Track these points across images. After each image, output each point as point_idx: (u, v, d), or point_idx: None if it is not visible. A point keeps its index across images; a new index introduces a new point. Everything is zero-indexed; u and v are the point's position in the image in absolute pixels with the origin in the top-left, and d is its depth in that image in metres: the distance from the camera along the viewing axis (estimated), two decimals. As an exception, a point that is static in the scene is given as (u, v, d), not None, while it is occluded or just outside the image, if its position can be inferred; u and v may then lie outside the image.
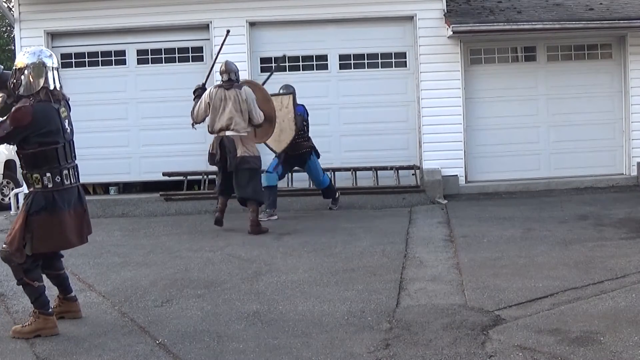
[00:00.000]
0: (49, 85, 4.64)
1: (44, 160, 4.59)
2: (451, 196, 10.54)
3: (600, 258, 6.19)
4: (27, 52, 4.71)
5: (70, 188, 4.71)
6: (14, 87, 4.65)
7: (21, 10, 10.81)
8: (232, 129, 8.08)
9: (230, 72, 8.29)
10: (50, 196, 4.58)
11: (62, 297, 4.99)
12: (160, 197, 10.49)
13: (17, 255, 4.59)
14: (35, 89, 4.60)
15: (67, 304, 4.98)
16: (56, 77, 4.70)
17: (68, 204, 4.66)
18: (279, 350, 4.25)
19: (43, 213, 4.55)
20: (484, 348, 4.14)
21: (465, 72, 10.95)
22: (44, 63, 4.64)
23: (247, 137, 8.15)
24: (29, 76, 4.60)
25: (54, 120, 4.64)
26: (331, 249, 7.05)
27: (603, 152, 11.20)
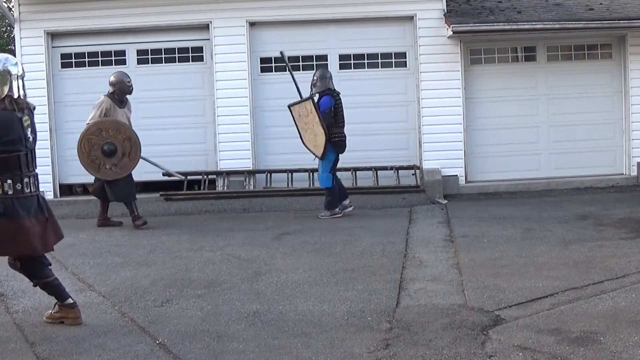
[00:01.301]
0: (13, 94, 4.62)
1: (6, 167, 4.56)
2: (451, 196, 10.55)
3: (600, 258, 6.19)
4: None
5: (30, 196, 4.67)
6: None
7: (21, 10, 10.81)
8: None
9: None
10: (9, 203, 4.56)
11: (60, 304, 4.88)
12: (160, 197, 10.50)
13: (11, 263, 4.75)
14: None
15: (66, 310, 4.86)
16: (21, 86, 4.67)
17: (27, 212, 4.63)
18: (279, 350, 4.25)
19: (2, 219, 4.53)
20: (484, 348, 4.14)
21: (465, 72, 10.95)
22: (9, 71, 4.63)
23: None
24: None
25: (16, 129, 4.61)
26: (331, 249, 7.05)
27: (603, 152, 11.21)
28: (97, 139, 8.36)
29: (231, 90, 10.80)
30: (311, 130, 8.93)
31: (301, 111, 9.03)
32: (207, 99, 11.05)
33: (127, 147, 8.39)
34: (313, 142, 9.01)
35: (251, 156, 10.89)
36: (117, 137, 8.36)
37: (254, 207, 10.05)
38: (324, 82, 9.06)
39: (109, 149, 8.35)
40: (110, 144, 8.34)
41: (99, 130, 8.35)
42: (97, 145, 8.34)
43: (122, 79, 8.71)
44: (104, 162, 8.39)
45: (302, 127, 9.12)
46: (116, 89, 8.65)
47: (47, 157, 10.84)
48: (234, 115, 10.79)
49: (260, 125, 11.00)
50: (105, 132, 8.35)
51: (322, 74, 9.14)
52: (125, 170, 8.46)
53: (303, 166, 10.72)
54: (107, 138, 8.35)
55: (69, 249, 7.44)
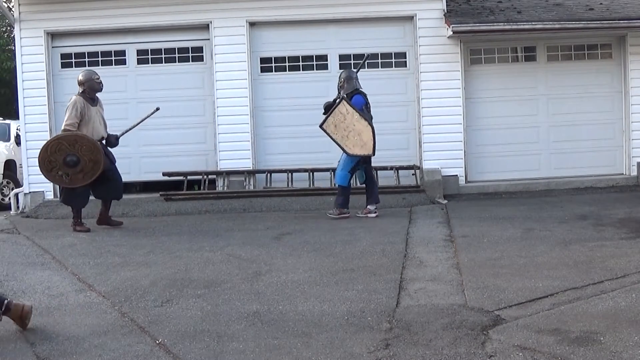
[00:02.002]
0: None
1: None
2: (451, 196, 10.55)
3: (600, 258, 6.18)
4: None
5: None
6: None
7: (21, 10, 10.81)
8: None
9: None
10: None
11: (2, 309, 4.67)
12: (160, 197, 10.50)
13: None
14: None
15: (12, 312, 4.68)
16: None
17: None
18: (279, 350, 4.25)
19: None
20: (484, 348, 4.14)
21: (465, 72, 10.95)
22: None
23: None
24: None
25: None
26: (331, 249, 7.04)
27: (603, 152, 11.22)
28: (67, 147, 8.26)
29: (231, 90, 10.81)
30: (354, 131, 8.73)
31: (336, 119, 8.78)
32: (207, 99, 11.05)
33: (88, 167, 8.31)
34: (359, 143, 8.76)
35: (251, 156, 10.89)
36: (86, 155, 8.27)
37: (254, 207, 10.05)
38: (351, 83, 8.97)
39: (71, 160, 8.27)
40: (75, 156, 8.26)
41: (74, 141, 8.28)
42: (63, 152, 8.27)
43: (90, 76, 8.64)
44: (58, 168, 8.33)
45: (342, 136, 8.80)
46: (86, 87, 8.57)
47: (47, 157, 10.84)
48: (234, 115, 10.79)
49: (260, 125, 11.01)
50: (79, 145, 8.26)
51: (349, 75, 9.04)
52: (73, 183, 8.42)
53: (303, 166, 10.73)
54: (77, 151, 8.26)
55: (69, 249, 7.44)
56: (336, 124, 8.82)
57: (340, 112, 8.80)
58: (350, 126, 8.75)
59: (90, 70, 8.93)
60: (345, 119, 8.77)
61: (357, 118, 8.72)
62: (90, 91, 8.61)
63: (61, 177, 8.43)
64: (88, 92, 8.60)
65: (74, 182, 8.42)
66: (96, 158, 8.33)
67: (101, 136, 8.63)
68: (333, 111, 8.84)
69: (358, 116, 8.73)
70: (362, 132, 8.74)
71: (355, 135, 8.76)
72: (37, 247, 7.67)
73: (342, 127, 8.80)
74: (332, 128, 8.87)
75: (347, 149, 8.83)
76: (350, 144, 8.81)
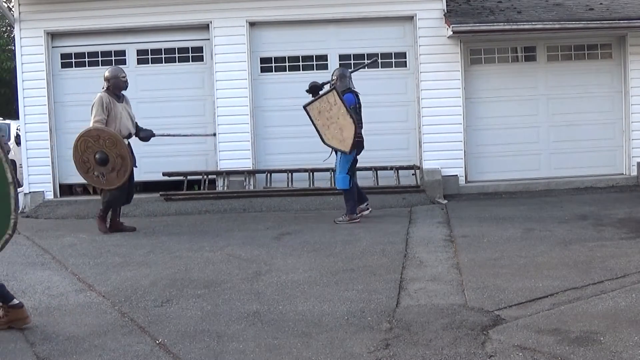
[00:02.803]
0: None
1: None
2: (451, 196, 10.55)
3: (600, 258, 6.18)
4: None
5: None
6: None
7: (21, 10, 10.81)
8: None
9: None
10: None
11: (6, 306, 4.77)
12: (160, 197, 10.50)
13: None
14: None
15: (14, 312, 4.75)
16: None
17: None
18: (279, 350, 4.25)
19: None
20: (484, 348, 4.14)
21: (465, 72, 10.95)
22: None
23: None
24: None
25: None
26: (331, 249, 7.05)
27: (603, 152, 11.21)
28: (93, 143, 8.18)
29: (231, 90, 10.80)
30: (336, 124, 8.51)
31: (322, 106, 8.59)
32: (207, 99, 11.05)
33: (117, 164, 8.18)
34: (339, 137, 8.51)
35: (251, 156, 10.89)
36: (112, 150, 8.17)
37: (254, 207, 10.05)
38: (344, 81, 8.74)
39: (100, 158, 8.17)
40: (103, 153, 8.16)
41: (97, 136, 8.17)
42: (92, 149, 8.18)
43: (116, 74, 8.52)
44: (93, 168, 8.23)
45: (323, 123, 8.60)
46: (110, 84, 8.46)
47: (47, 157, 10.86)
48: (234, 115, 10.79)
49: (260, 125, 11.01)
50: (102, 140, 8.16)
51: (342, 73, 8.82)
52: (109, 184, 8.28)
53: (303, 166, 10.73)
54: (103, 147, 8.16)
55: (68, 249, 7.45)
56: (320, 110, 8.64)
57: (328, 101, 8.58)
58: (334, 118, 8.53)
59: (117, 67, 8.82)
60: (331, 109, 8.55)
61: (343, 112, 8.44)
62: (115, 88, 8.45)
63: (98, 178, 8.30)
64: (113, 89, 8.44)
65: (110, 183, 8.28)
66: (122, 152, 8.19)
67: (129, 132, 8.49)
68: (321, 97, 8.64)
69: (345, 111, 8.43)
70: (344, 128, 8.47)
71: (336, 128, 8.50)
72: (37, 247, 7.67)
73: (325, 115, 8.60)
74: (315, 112, 8.69)
75: (324, 138, 8.64)
76: (329, 134, 8.60)
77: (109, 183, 8.29)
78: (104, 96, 8.36)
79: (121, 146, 8.21)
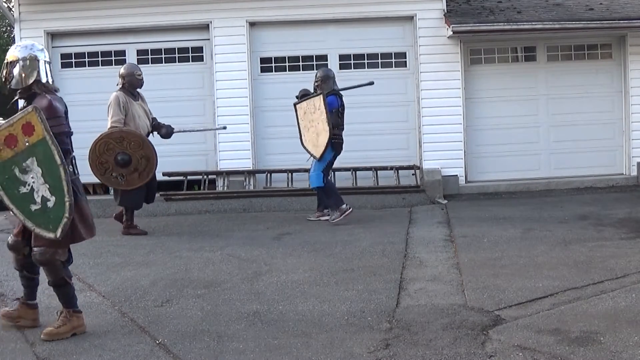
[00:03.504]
0: (41, 79, 4.62)
1: (65, 150, 4.51)
2: (451, 196, 10.55)
3: (600, 258, 6.18)
4: (19, 45, 4.72)
5: (79, 178, 4.70)
6: (5, 80, 4.64)
7: (21, 10, 10.81)
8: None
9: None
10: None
11: (23, 302, 4.84)
12: (160, 197, 10.48)
13: (60, 253, 4.53)
14: (27, 83, 4.59)
15: (26, 310, 4.83)
16: (48, 71, 4.68)
17: (82, 193, 4.65)
18: (279, 350, 4.25)
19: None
20: (484, 348, 4.14)
21: (465, 72, 10.95)
22: (36, 57, 4.62)
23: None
24: (20, 70, 4.58)
25: (66, 112, 4.70)
26: (331, 249, 7.05)
27: (603, 152, 11.21)
28: (115, 145, 7.98)
29: (231, 90, 10.80)
30: (314, 128, 8.56)
31: (308, 107, 8.63)
32: (207, 99, 11.05)
33: (141, 165, 8.01)
34: (314, 142, 8.57)
35: (251, 156, 10.89)
36: (136, 151, 7.99)
37: (254, 207, 10.05)
38: (328, 82, 8.69)
39: (122, 159, 7.97)
40: (126, 155, 7.96)
41: (121, 138, 7.98)
42: (113, 151, 7.97)
43: (132, 71, 8.35)
44: (112, 169, 8.02)
45: (304, 125, 8.74)
46: (126, 82, 8.28)
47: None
48: (234, 115, 10.79)
49: (260, 125, 11.01)
50: (127, 142, 7.97)
51: (326, 74, 8.77)
52: (129, 185, 8.08)
53: (303, 166, 10.70)
54: (127, 149, 7.97)
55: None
56: (306, 111, 8.69)
57: (314, 105, 8.58)
58: (315, 122, 8.51)
59: (132, 64, 8.66)
60: (314, 112, 8.54)
61: (323, 119, 8.40)
62: (130, 86, 8.29)
63: (117, 179, 8.06)
64: (128, 87, 8.28)
65: (130, 184, 8.07)
66: (147, 154, 8.02)
67: (147, 131, 8.36)
68: (309, 98, 8.67)
69: (325, 117, 8.37)
70: (320, 134, 8.45)
71: (314, 132, 8.53)
72: (37, 247, 7.66)
73: (308, 117, 8.64)
74: (301, 112, 8.77)
75: (302, 138, 8.74)
76: (308, 137, 8.66)
77: (128, 184, 8.08)
78: (120, 95, 8.17)
79: (147, 147, 8.05)
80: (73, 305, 4.65)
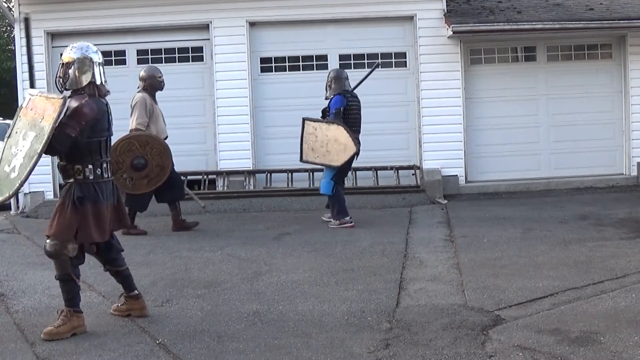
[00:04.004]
0: (96, 80, 4.71)
1: (89, 153, 4.64)
2: (451, 196, 10.55)
3: (600, 258, 6.19)
4: (73, 47, 4.80)
5: (108, 181, 4.76)
6: (61, 81, 4.72)
7: (21, 10, 10.80)
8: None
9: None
10: (91, 187, 4.63)
11: (126, 295, 5.00)
12: (160, 197, 10.47)
13: (69, 248, 4.59)
14: (82, 84, 4.67)
15: (132, 302, 4.98)
16: (102, 72, 4.78)
17: (106, 197, 4.71)
18: (279, 350, 4.25)
19: (86, 203, 4.59)
20: (484, 348, 4.14)
21: (465, 72, 10.95)
22: (90, 58, 4.72)
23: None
24: (75, 71, 4.67)
25: (106, 116, 4.76)
26: (331, 249, 7.05)
27: (603, 152, 11.21)
28: (138, 147, 7.87)
29: (231, 90, 10.80)
30: (331, 140, 8.09)
31: (310, 143, 8.28)
32: (207, 99, 11.05)
33: (154, 173, 7.94)
34: (341, 147, 8.04)
35: (251, 156, 10.89)
36: (154, 159, 7.89)
37: (254, 207, 10.05)
38: (339, 83, 8.40)
39: (139, 163, 7.87)
40: (143, 159, 7.87)
41: (146, 142, 7.89)
42: (133, 153, 7.87)
43: (153, 73, 8.24)
44: (124, 170, 7.89)
45: (323, 153, 8.22)
46: (147, 85, 8.18)
47: (47, 157, 10.78)
48: (234, 115, 10.79)
49: (260, 125, 11.00)
50: (150, 147, 7.88)
51: (337, 75, 8.49)
52: (135, 189, 7.98)
53: (303, 166, 10.70)
54: (146, 154, 7.88)
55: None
56: (312, 147, 8.31)
57: (308, 133, 8.30)
58: (324, 139, 8.19)
59: (153, 67, 8.55)
60: (316, 137, 8.24)
61: (325, 127, 8.17)
62: (151, 89, 8.21)
63: (125, 181, 7.90)
64: (150, 90, 8.20)
65: (136, 188, 7.97)
66: (164, 164, 7.94)
67: (166, 135, 8.35)
68: (302, 138, 8.38)
69: (325, 125, 8.17)
70: (337, 136, 8.11)
71: (333, 143, 8.14)
72: (37, 247, 7.66)
73: (317, 146, 8.27)
74: (310, 155, 8.39)
75: (334, 164, 8.19)
76: (334, 156, 8.16)
77: (135, 188, 7.98)
78: (146, 97, 8.09)
79: (167, 158, 7.98)
80: (74, 304, 4.68)
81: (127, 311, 4.97)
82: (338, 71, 8.78)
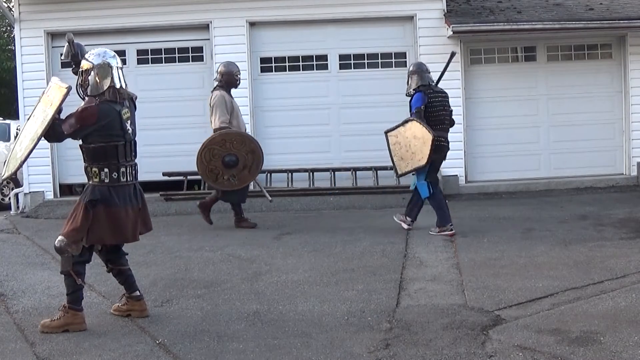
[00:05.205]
0: (115, 84, 4.78)
1: (103, 156, 4.73)
2: (451, 196, 10.53)
3: (600, 258, 6.19)
4: (91, 53, 4.89)
5: (127, 185, 4.81)
6: (82, 88, 4.87)
7: (21, 10, 10.80)
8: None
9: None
10: (106, 190, 4.70)
11: (127, 295, 5.03)
12: (160, 197, 10.49)
13: (73, 247, 4.67)
14: (102, 89, 4.76)
15: (132, 303, 5.01)
16: (121, 76, 4.85)
17: (123, 201, 4.76)
18: (279, 350, 4.25)
19: (99, 206, 4.67)
20: (484, 348, 4.14)
21: (465, 72, 10.95)
22: (109, 63, 4.80)
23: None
24: (95, 77, 4.77)
25: (115, 121, 4.77)
26: (331, 249, 7.05)
27: (603, 152, 11.21)
28: (219, 149, 7.97)
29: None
30: (414, 139, 7.55)
31: (399, 131, 7.75)
32: (207, 99, 11.01)
33: (249, 160, 8.00)
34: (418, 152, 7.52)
35: (251, 156, 10.88)
36: (241, 149, 7.96)
37: (254, 207, 10.03)
38: (415, 78, 7.78)
39: (230, 160, 7.94)
40: (232, 155, 7.94)
41: (223, 141, 7.97)
42: (219, 155, 7.95)
43: (231, 70, 8.23)
44: (222, 173, 8.00)
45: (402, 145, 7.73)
46: (223, 80, 8.18)
47: (47, 157, 10.83)
48: (234, 115, 10.78)
49: (260, 125, 11.00)
50: (229, 143, 7.95)
51: (416, 69, 7.87)
52: (242, 182, 8.09)
53: (303, 166, 10.73)
54: (231, 150, 7.94)
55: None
56: (401, 157, 7.80)
57: (393, 144, 7.80)
58: (406, 142, 7.64)
59: (232, 64, 8.45)
60: (400, 145, 7.72)
61: (403, 130, 7.63)
62: (227, 85, 8.22)
63: (229, 181, 8.04)
64: (225, 86, 8.21)
65: (243, 181, 8.11)
66: (252, 147, 8.02)
67: (245, 129, 8.38)
68: (390, 152, 7.86)
69: (402, 127, 7.63)
70: (415, 132, 7.52)
71: (413, 141, 7.56)
72: (37, 247, 7.67)
73: (404, 152, 7.72)
74: (402, 165, 7.83)
75: (422, 163, 7.54)
76: (418, 155, 7.55)
77: (241, 182, 8.10)
78: (224, 94, 8.13)
79: (250, 142, 8.08)
80: (74, 302, 4.72)
81: (127, 311, 4.99)
82: (418, 64, 8.05)
